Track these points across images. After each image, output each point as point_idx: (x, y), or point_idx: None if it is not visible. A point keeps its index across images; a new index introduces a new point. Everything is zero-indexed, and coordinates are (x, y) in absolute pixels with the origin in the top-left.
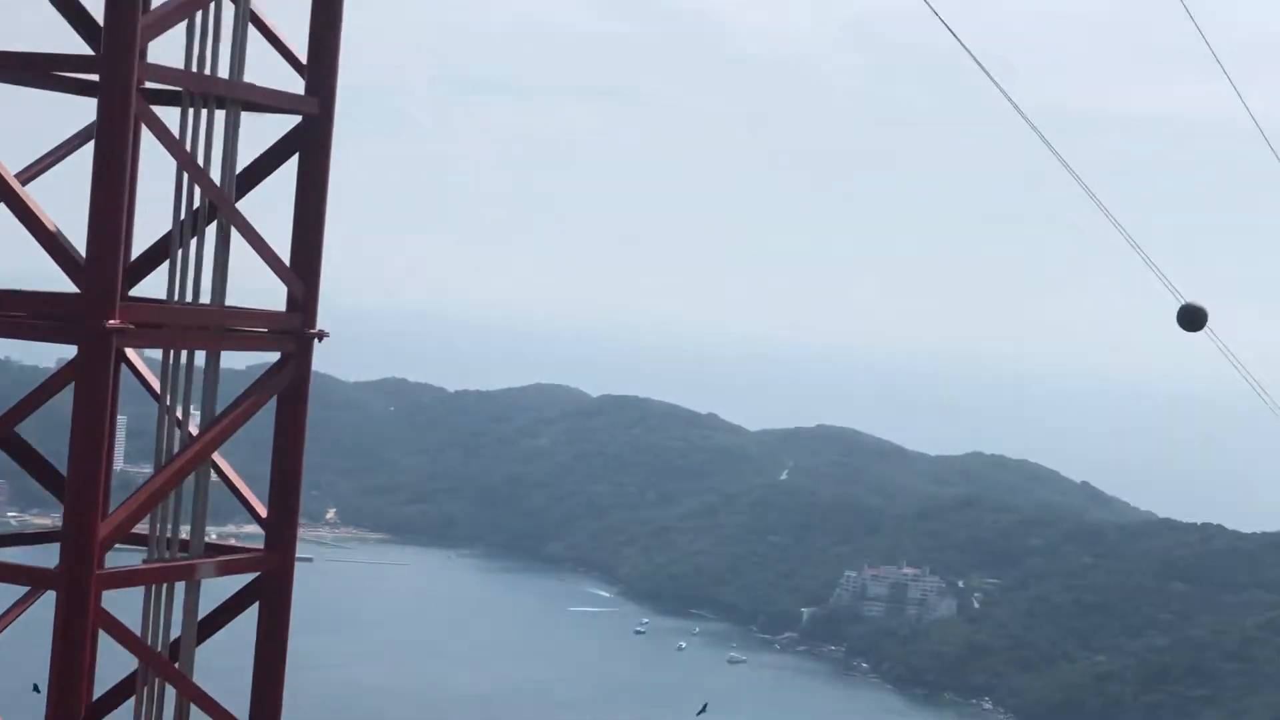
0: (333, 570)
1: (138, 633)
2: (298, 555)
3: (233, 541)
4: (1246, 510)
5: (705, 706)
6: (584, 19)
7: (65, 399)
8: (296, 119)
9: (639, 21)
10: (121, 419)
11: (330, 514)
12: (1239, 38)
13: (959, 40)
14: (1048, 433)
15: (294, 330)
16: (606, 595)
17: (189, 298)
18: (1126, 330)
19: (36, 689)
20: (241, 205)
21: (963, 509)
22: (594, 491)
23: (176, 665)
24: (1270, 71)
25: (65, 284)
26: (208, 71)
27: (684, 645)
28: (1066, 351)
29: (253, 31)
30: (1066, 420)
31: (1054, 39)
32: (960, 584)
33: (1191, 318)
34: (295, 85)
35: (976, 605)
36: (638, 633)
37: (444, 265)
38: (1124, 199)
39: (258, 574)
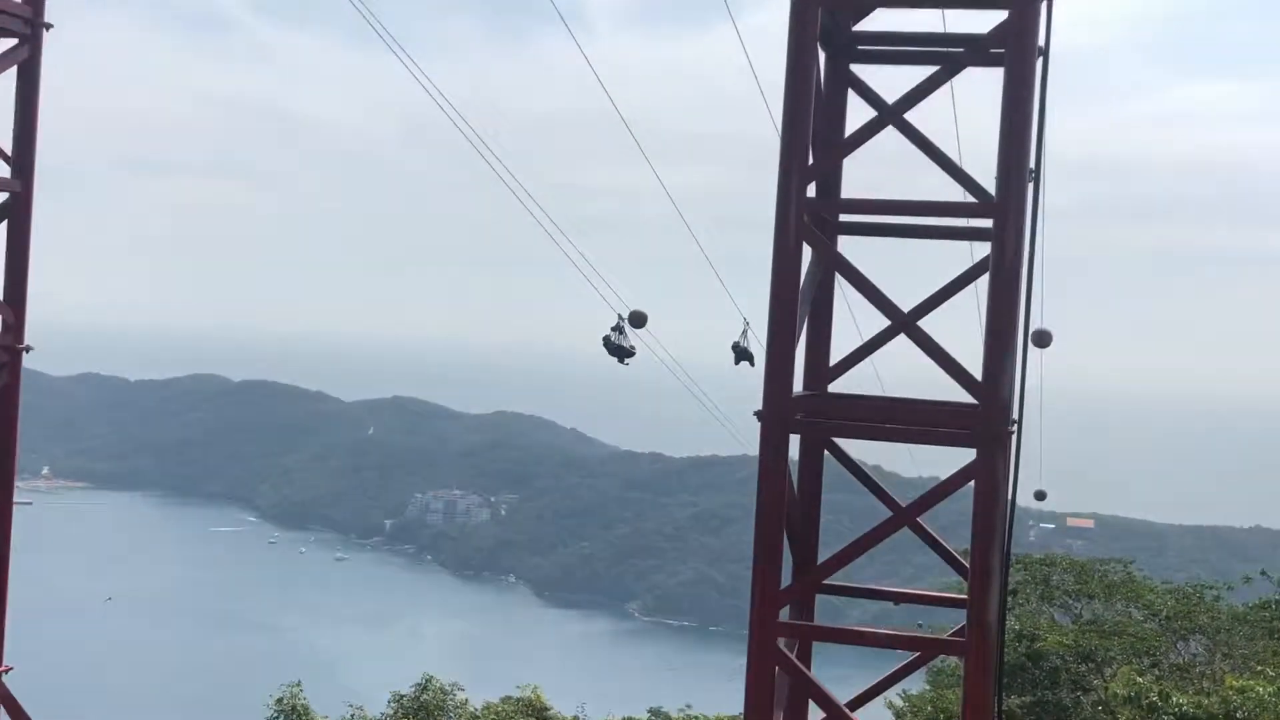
0: (49, 509)
1: None
2: (18, 500)
3: None
4: (679, 442)
5: None
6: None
7: None
8: (4, 195)
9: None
10: None
11: (45, 470)
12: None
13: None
14: (548, 393)
15: (8, 346)
16: (251, 519)
17: None
18: (590, 326)
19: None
20: None
21: (493, 449)
22: (238, 447)
23: None
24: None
25: None
26: None
27: (304, 550)
28: (556, 340)
29: None
30: (560, 383)
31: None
32: (492, 499)
33: (637, 319)
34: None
35: (503, 513)
36: (271, 543)
37: (124, 289)
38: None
39: None
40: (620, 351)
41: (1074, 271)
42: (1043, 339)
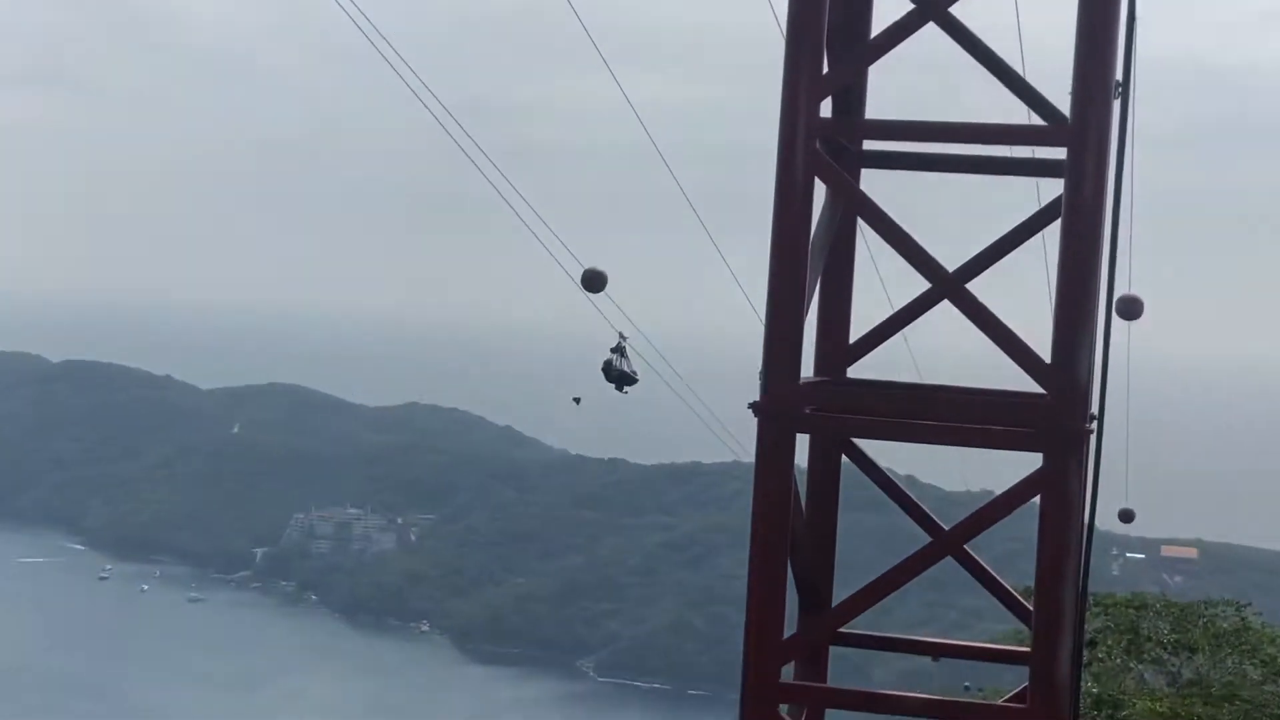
0: None
1: None
2: None
3: None
4: (647, 445)
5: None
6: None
7: None
8: None
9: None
10: None
11: None
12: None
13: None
14: (474, 380)
15: None
16: (76, 546)
17: None
18: (531, 292)
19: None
20: None
21: (401, 453)
22: (59, 449)
23: None
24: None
25: None
26: None
27: (146, 588)
28: (486, 310)
29: None
30: (490, 368)
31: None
32: (399, 520)
33: (592, 281)
34: None
35: (414, 539)
36: (102, 579)
37: None
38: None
39: None
40: (623, 379)
41: (1172, 215)
42: (1132, 308)
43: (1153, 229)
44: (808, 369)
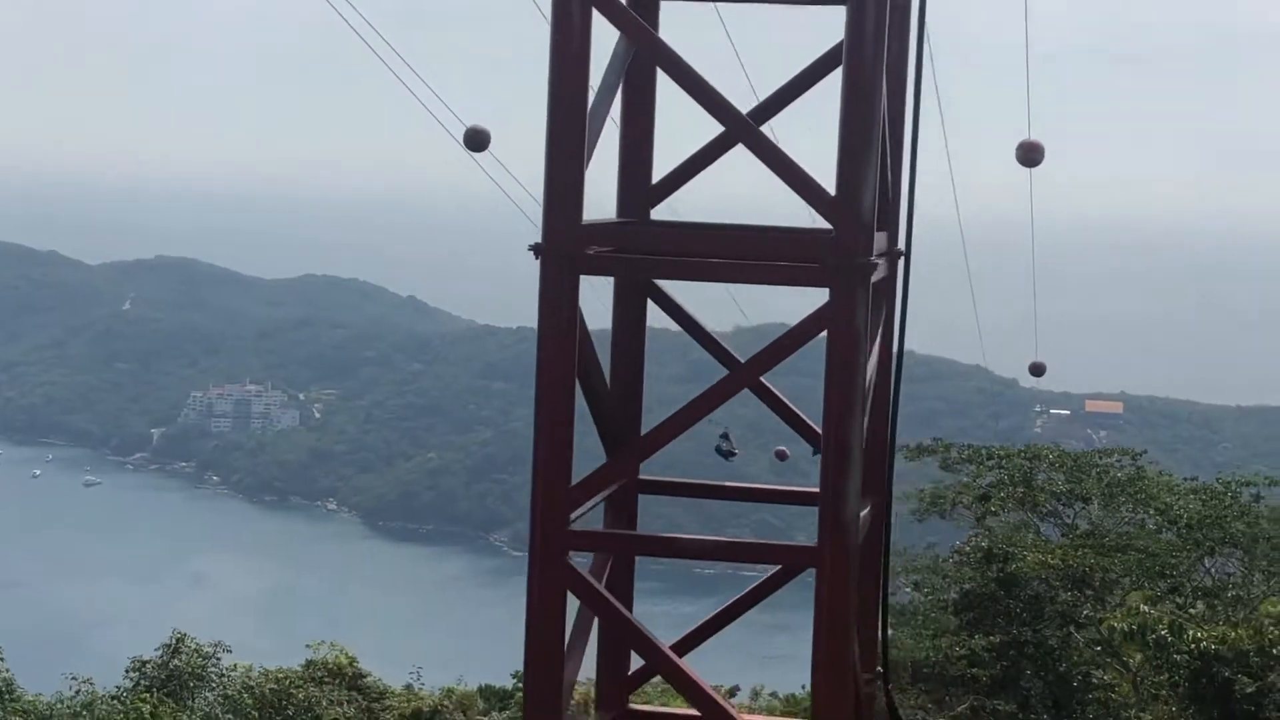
0: None
1: None
2: None
3: None
4: None
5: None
6: None
7: None
8: None
9: None
10: None
11: None
12: None
13: None
14: (374, 249)
15: None
16: None
17: None
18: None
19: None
20: None
21: (300, 327)
22: None
23: None
24: None
25: None
26: None
27: (39, 473)
28: (378, 178)
29: None
30: (389, 235)
31: None
32: (301, 396)
33: (474, 140)
34: None
35: (317, 415)
36: None
37: None
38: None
39: None
40: (728, 455)
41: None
42: (1031, 154)
43: (1061, 80)
44: (610, 210)
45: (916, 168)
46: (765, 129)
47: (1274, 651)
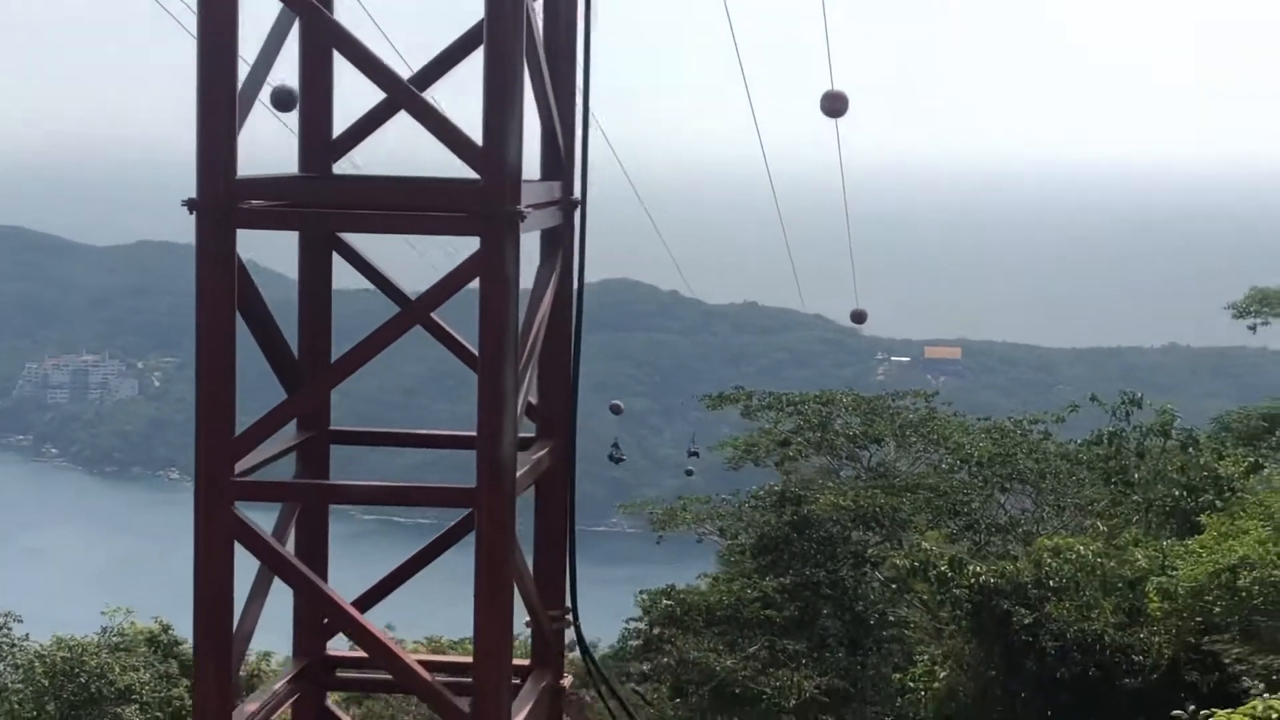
0: None
1: None
2: None
3: None
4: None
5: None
6: None
7: None
8: None
9: None
10: None
11: None
12: None
13: None
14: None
15: None
16: None
17: None
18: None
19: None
20: None
21: (136, 295)
22: None
23: None
24: None
25: None
26: None
27: None
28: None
29: None
30: None
31: None
32: (139, 365)
33: (283, 100)
34: None
35: (157, 384)
36: None
37: None
38: None
39: None
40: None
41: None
42: (835, 104)
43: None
44: (292, 165)
45: (589, 119)
46: (450, 82)
47: (1050, 583)
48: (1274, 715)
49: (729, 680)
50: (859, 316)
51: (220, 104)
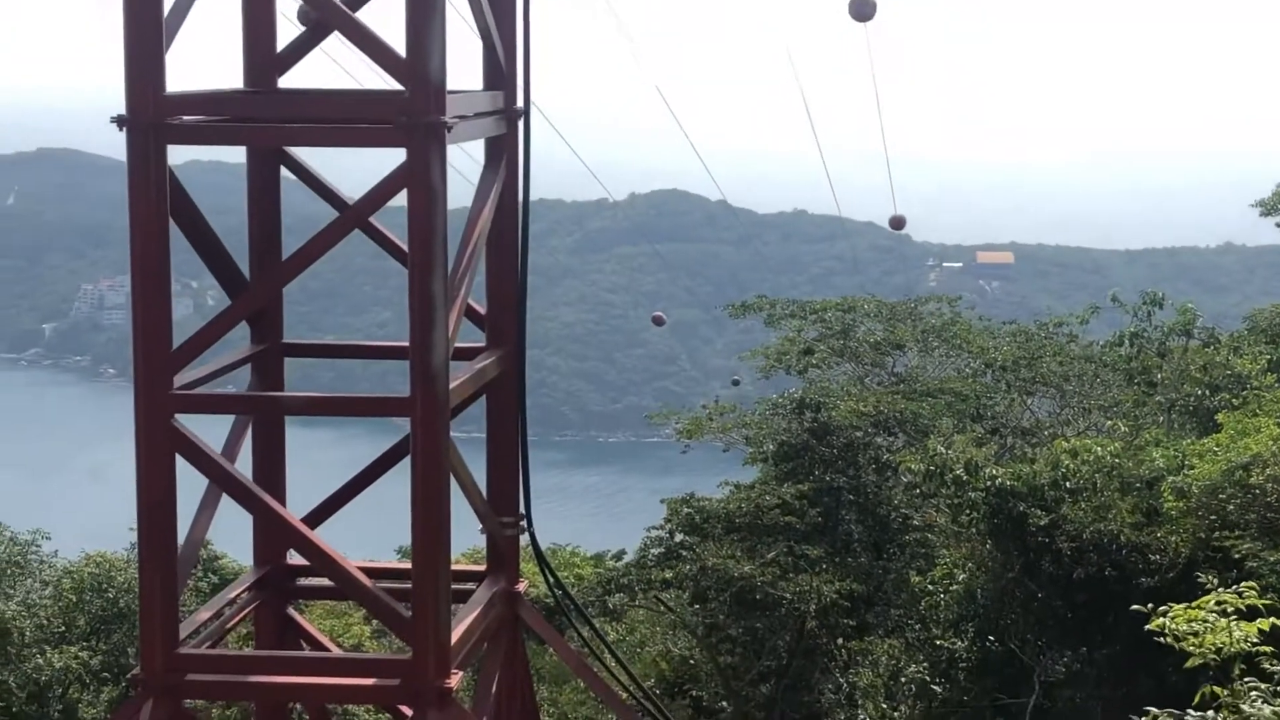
0: None
1: None
2: None
3: None
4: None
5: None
6: None
7: None
8: None
9: None
10: None
11: None
12: None
13: None
14: None
15: None
16: None
17: None
18: None
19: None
20: None
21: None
22: None
23: None
24: None
25: None
26: None
27: None
28: None
29: None
30: None
31: None
32: (194, 284)
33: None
34: None
35: (211, 303)
36: None
37: None
38: None
39: None
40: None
41: None
42: (864, 9)
43: None
44: (238, 79)
45: (530, 32)
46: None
47: (1066, 485)
48: (1229, 609)
49: (748, 586)
50: (898, 222)
51: (146, 20)
